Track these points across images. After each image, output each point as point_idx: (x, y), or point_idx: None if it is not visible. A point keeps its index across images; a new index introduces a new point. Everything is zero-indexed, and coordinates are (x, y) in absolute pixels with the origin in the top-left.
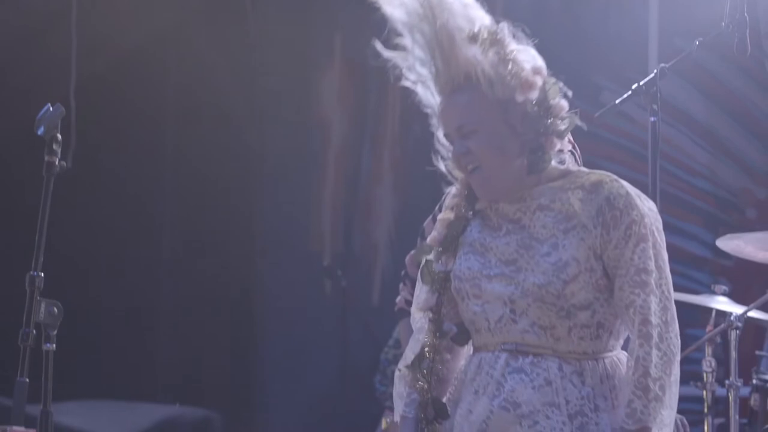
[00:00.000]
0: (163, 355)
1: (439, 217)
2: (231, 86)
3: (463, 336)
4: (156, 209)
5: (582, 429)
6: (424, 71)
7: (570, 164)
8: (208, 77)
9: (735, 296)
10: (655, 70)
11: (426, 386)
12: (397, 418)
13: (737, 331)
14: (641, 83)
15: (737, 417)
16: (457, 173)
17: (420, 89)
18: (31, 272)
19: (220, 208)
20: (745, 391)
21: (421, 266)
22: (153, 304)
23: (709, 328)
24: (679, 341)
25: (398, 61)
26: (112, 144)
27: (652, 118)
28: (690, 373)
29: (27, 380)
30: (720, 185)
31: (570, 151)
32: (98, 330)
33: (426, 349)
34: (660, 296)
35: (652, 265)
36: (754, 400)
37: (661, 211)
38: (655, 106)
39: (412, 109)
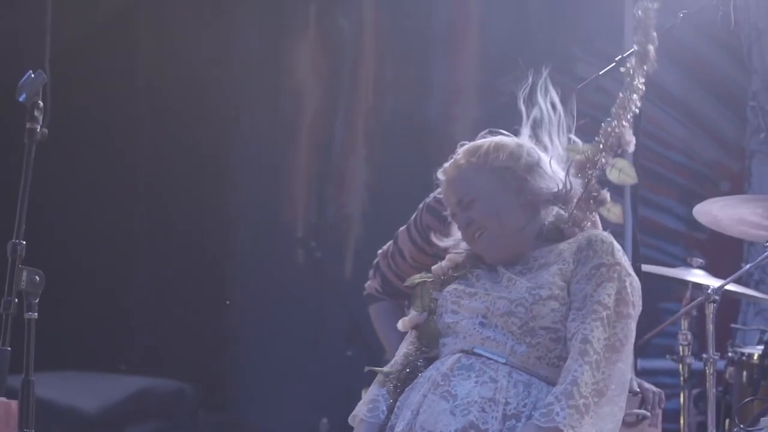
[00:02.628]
0: (135, 327)
1: (449, 256)
2: (204, 55)
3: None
4: (129, 178)
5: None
6: None
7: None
8: (181, 45)
9: (709, 270)
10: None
11: (394, 395)
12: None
13: (714, 305)
14: (624, 55)
15: (714, 390)
16: (467, 244)
17: None
18: (13, 240)
19: (192, 178)
20: (720, 364)
21: (416, 287)
22: (126, 275)
23: (685, 301)
24: (622, 389)
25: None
26: (87, 112)
27: None
28: (665, 347)
29: (9, 349)
30: (695, 159)
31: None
32: (71, 300)
33: (406, 358)
34: (610, 334)
35: (610, 302)
36: (730, 374)
37: (637, 185)
38: None
39: (387, 80)
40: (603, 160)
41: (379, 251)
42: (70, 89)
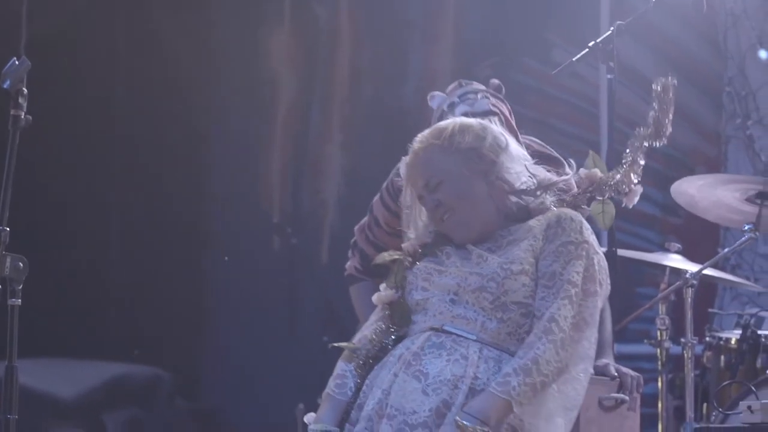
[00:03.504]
0: (111, 313)
1: (417, 234)
2: (181, 43)
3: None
4: (106, 167)
5: None
6: None
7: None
8: (157, 34)
9: (685, 254)
10: (612, 28)
11: (361, 372)
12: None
13: (692, 289)
14: (598, 41)
15: (693, 375)
16: (434, 226)
17: None
18: None
19: (169, 165)
20: (697, 348)
21: (391, 263)
22: (101, 262)
23: (663, 286)
24: (584, 368)
25: None
26: (63, 99)
27: (608, 76)
28: (642, 332)
29: None
30: (670, 144)
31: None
32: (45, 287)
33: (374, 335)
34: (576, 312)
35: (578, 280)
36: (707, 358)
37: (611, 170)
38: (611, 64)
39: (363, 68)
40: (605, 188)
41: (356, 227)
42: (47, 76)
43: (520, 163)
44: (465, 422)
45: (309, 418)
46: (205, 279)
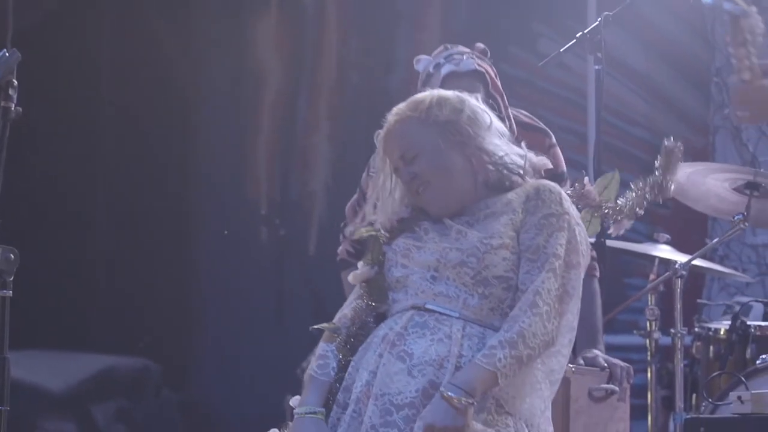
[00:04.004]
0: (99, 305)
1: (393, 208)
2: (166, 32)
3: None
4: (92, 159)
5: None
6: None
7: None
8: (143, 24)
9: (674, 245)
10: (599, 19)
11: (343, 351)
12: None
13: (682, 280)
14: (585, 31)
15: (683, 365)
16: (411, 199)
17: None
18: None
19: (155, 155)
20: (687, 339)
21: (367, 240)
22: (89, 253)
23: (652, 276)
24: (569, 341)
25: None
26: (49, 91)
27: (596, 67)
28: (630, 323)
29: None
30: (658, 134)
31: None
32: (32, 278)
33: (354, 313)
34: (560, 286)
35: (562, 252)
36: (696, 348)
37: (600, 161)
38: (599, 54)
39: (350, 57)
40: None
41: (347, 206)
42: (33, 68)
43: (498, 136)
44: (450, 393)
45: (294, 401)
46: (193, 270)
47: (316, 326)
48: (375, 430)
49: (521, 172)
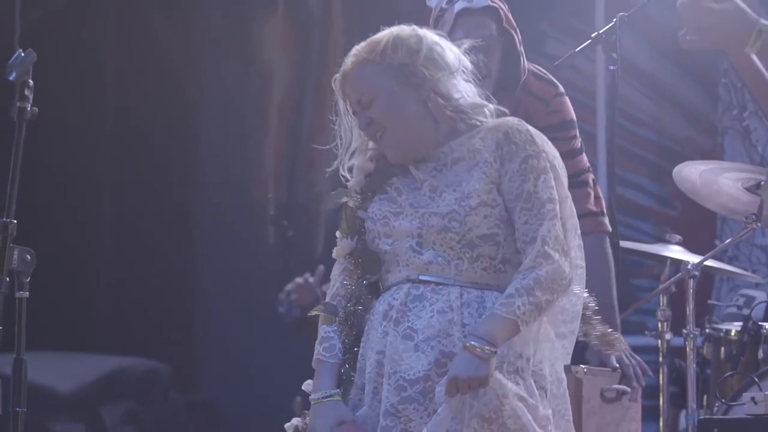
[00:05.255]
0: (108, 306)
1: (357, 164)
2: (171, 33)
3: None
4: (96, 159)
5: None
6: None
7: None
8: (150, 24)
9: (684, 246)
10: (615, 19)
11: (347, 329)
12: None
13: (694, 280)
14: (600, 32)
15: (695, 366)
16: (372, 143)
17: None
18: (4, 219)
19: (160, 155)
20: (698, 340)
21: (339, 209)
22: (97, 255)
23: (663, 278)
24: (581, 277)
25: None
26: (55, 90)
27: (611, 67)
28: (637, 324)
29: (1, 327)
30: (665, 135)
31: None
32: (42, 280)
33: (345, 290)
34: (568, 229)
35: (554, 194)
36: (707, 349)
37: (613, 163)
38: (614, 55)
39: None
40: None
41: None
42: (39, 67)
43: (463, 78)
44: (473, 342)
45: (307, 386)
46: (200, 272)
47: (313, 311)
48: (394, 409)
49: (480, 117)
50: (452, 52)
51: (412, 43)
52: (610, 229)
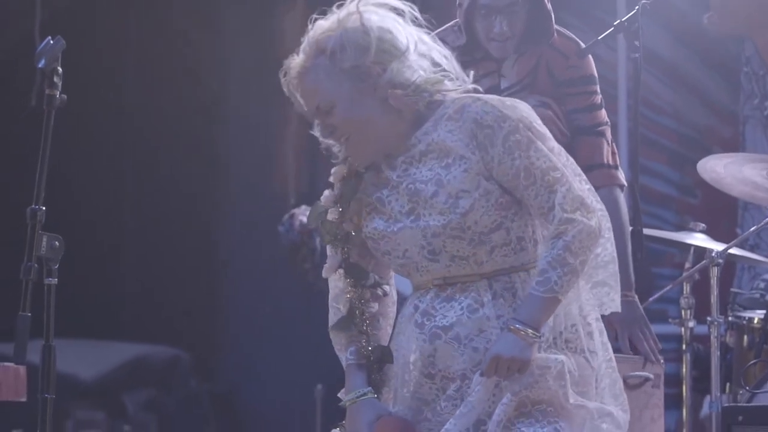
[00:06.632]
0: (130, 294)
1: (333, 171)
2: (192, 26)
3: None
4: (118, 149)
5: None
6: None
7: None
8: (170, 17)
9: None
10: (637, 7)
11: (365, 337)
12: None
13: (718, 268)
14: (623, 19)
15: (719, 353)
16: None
17: None
18: (33, 206)
19: (182, 148)
20: (721, 328)
21: (319, 227)
22: (118, 243)
23: (687, 265)
24: (605, 218)
25: None
26: (76, 80)
27: (635, 55)
28: (659, 312)
29: (29, 315)
30: (685, 123)
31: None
32: (64, 267)
33: (352, 304)
34: (573, 179)
35: (554, 159)
36: (730, 337)
37: (636, 152)
38: (637, 43)
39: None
40: None
41: None
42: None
43: (412, 54)
44: (518, 326)
45: (342, 395)
46: (222, 261)
47: (332, 329)
48: (451, 401)
49: (441, 90)
50: (403, 31)
51: (360, 40)
52: (624, 182)
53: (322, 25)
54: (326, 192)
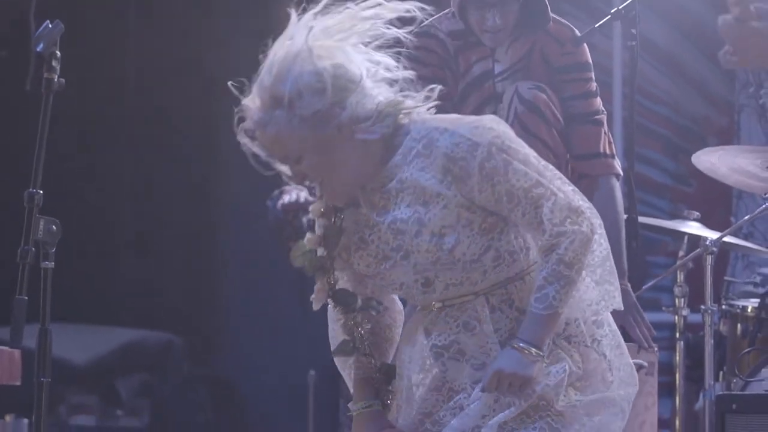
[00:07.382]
0: (125, 279)
1: (311, 208)
2: (194, 18)
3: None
4: (118, 135)
5: None
6: None
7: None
8: (170, 8)
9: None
10: None
11: (367, 359)
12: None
13: (712, 256)
14: (620, 7)
15: (712, 342)
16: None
17: None
18: (30, 189)
19: (180, 135)
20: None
21: (303, 263)
22: (116, 228)
23: (681, 254)
24: (596, 219)
25: None
26: (72, 65)
27: (631, 42)
28: (652, 301)
29: (26, 298)
30: (681, 113)
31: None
32: (61, 252)
33: (347, 328)
34: (558, 190)
35: (534, 175)
36: (724, 326)
37: (624, 137)
38: (633, 31)
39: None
40: None
41: None
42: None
43: (367, 80)
44: (521, 344)
45: (350, 405)
46: (217, 246)
47: (335, 353)
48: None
49: (403, 110)
50: (353, 59)
51: (314, 83)
52: (620, 172)
53: (272, 66)
54: (308, 234)
